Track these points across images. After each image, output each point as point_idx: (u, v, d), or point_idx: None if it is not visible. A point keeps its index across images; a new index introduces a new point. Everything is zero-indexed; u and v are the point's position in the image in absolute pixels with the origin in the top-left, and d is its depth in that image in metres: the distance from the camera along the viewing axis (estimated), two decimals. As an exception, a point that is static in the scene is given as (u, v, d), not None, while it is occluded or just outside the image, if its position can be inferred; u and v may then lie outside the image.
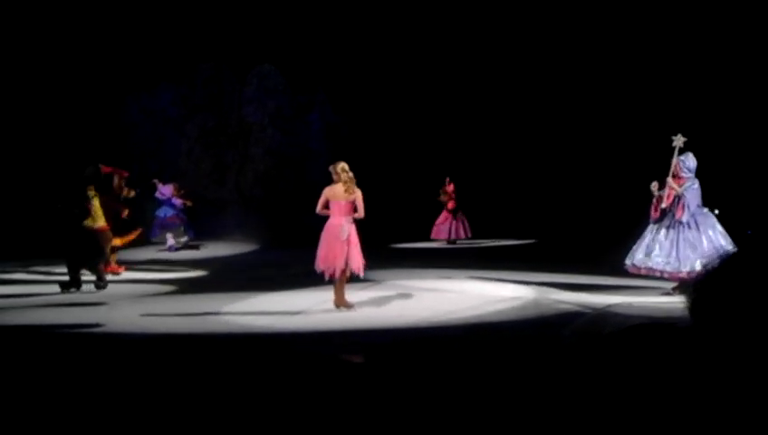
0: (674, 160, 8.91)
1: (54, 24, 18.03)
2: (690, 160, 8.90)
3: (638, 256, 8.94)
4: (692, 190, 8.79)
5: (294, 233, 15.70)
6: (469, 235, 17.37)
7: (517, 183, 19.60)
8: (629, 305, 8.25)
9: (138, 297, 9.65)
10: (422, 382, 5.36)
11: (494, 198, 18.95)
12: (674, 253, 8.64)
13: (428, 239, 17.21)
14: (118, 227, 11.33)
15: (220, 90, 20.77)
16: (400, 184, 19.18)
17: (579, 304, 8.44)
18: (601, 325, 7.24)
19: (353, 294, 8.70)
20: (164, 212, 15.86)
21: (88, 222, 9.96)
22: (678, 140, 8.99)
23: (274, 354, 6.49)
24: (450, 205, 17.25)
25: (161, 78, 20.12)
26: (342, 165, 8.24)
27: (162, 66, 19.48)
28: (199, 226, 17.04)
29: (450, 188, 17.32)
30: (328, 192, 8.22)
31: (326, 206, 8.23)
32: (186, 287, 10.64)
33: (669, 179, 8.88)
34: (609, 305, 8.31)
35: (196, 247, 16.32)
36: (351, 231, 8.16)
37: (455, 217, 17.25)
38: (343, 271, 8.12)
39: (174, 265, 13.53)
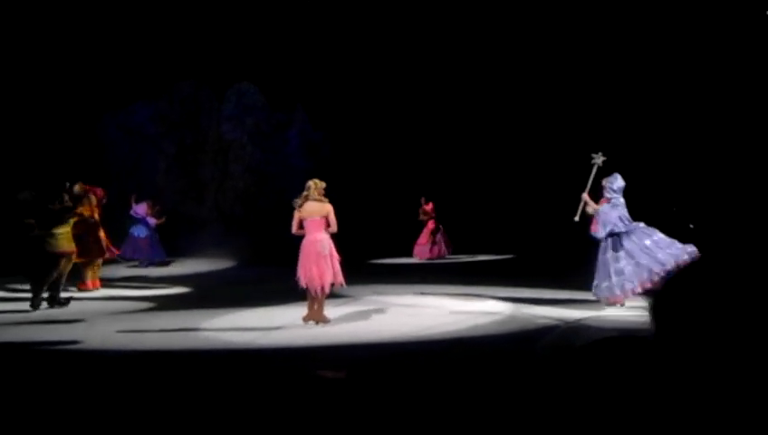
0: (591, 178, 8.99)
1: (31, 42, 17.95)
2: (616, 182, 8.92)
3: (594, 283, 9.06)
4: (614, 209, 8.80)
5: (274, 250, 15.68)
6: (449, 251, 17.41)
7: (495, 198, 19.74)
8: (602, 319, 8.40)
9: (115, 314, 9.61)
10: (403, 397, 5.41)
11: (473, 214, 19.06)
12: (607, 279, 8.77)
13: (407, 255, 17.25)
14: (90, 247, 11.29)
15: (198, 107, 20.75)
16: (379, 199, 19.25)
17: (555, 319, 8.56)
18: (573, 339, 7.35)
19: (332, 309, 8.74)
20: (138, 232, 15.84)
21: (62, 244, 9.92)
22: (598, 159, 9.12)
23: (255, 370, 6.51)
24: (430, 224, 17.21)
25: (139, 96, 20.07)
26: (308, 183, 8.30)
27: (140, 84, 19.46)
28: (178, 244, 16.93)
29: (429, 207, 17.32)
30: (299, 211, 8.29)
31: (301, 225, 8.30)
32: (164, 304, 10.60)
33: (585, 195, 8.99)
34: (582, 319, 8.46)
35: (167, 264, 16.24)
36: (331, 245, 8.24)
37: (435, 237, 17.23)
38: (329, 285, 8.20)
39: (152, 281, 13.46)
